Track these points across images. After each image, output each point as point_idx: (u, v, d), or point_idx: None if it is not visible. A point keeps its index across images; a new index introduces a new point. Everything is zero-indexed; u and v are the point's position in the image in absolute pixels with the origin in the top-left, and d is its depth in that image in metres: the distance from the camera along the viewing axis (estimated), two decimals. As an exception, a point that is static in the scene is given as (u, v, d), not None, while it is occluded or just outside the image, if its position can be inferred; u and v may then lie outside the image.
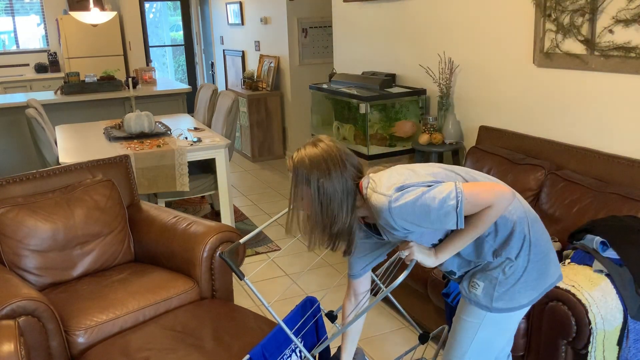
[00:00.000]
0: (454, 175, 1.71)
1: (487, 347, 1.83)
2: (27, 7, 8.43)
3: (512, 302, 1.75)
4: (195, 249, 2.65)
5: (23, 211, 2.65)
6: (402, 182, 1.61)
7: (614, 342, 2.11)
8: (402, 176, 1.64)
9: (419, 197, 1.56)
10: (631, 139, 2.74)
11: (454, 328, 1.87)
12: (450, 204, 1.55)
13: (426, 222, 1.58)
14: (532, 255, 1.73)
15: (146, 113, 4.34)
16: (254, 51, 7.40)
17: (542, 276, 1.77)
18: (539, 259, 1.75)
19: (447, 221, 1.57)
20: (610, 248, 2.25)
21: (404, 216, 1.58)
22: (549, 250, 1.79)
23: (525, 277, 1.74)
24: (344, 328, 1.93)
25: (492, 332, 1.80)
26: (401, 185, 1.60)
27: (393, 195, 1.58)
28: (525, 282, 1.74)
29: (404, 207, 1.57)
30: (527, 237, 1.73)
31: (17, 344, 1.86)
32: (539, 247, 1.75)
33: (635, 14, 2.61)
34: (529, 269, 1.74)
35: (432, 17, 3.97)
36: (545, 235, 1.79)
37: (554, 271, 1.81)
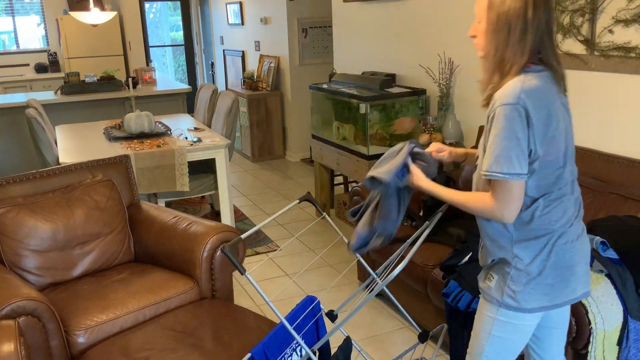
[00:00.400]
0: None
1: (505, 348, 1.81)
2: (27, 7, 8.43)
3: (521, 302, 1.71)
4: (195, 249, 2.66)
5: (23, 211, 2.65)
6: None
7: (614, 342, 2.11)
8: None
9: (509, 135, 1.56)
10: (631, 139, 2.74)
11: (474, 325, 1.87)
12: (500, 166, 1.57)
13: (491, 138, 1.60)
14: (551, 263, 1.69)
15: (146, 113, 4.35)
16: (254, 51, 7.40)
17: (558, 286, 1.71)
18: (558, 268, 1.70)
19: (489, 162, 1.59)
20: (610, 248, 2.25)
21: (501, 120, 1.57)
22: (574, 265, 1.72)
23: (538, 280, 1.69)
24: (341, 324, 1.93)
25: (507, 332, 1.77)
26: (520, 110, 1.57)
27: (511, 101, 1.56)
28: (537, 284, 1.69)
29: (502, 113, 1.57)
30: (550, 248, 1.69)
31: (17, 344, 1.86)
32: (562, 258, 1.70)
33: (635, 14, 2.61)
34: (545, 274, 1.69)
35: (432, 17, 3.97)
36: (577, 252, 1.73)
37: (576, 287, 1.74)
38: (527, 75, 1.60)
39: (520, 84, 1.57)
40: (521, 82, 1.58)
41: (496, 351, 1.82)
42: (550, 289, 1.70)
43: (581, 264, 1.74)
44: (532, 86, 1.57)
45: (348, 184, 5.24)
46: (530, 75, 1.60)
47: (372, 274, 2.18)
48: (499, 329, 1.77)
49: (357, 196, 3.41)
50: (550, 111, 1.59)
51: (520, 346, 1.82)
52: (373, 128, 4.19)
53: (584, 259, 1.75)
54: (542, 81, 1.60)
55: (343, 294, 3.53)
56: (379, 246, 1.98)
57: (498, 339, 1.79)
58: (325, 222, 4.70)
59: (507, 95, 1.57)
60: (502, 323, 1.76)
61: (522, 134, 1.56)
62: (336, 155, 4.43)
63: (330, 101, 4.71)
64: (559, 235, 1.69)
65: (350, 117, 4.40)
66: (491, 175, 1.59)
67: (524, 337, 1.80)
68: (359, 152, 4.10)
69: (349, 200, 3.71)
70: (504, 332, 1.77)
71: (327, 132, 4.66)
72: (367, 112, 4.00)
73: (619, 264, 2.21)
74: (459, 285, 2.49)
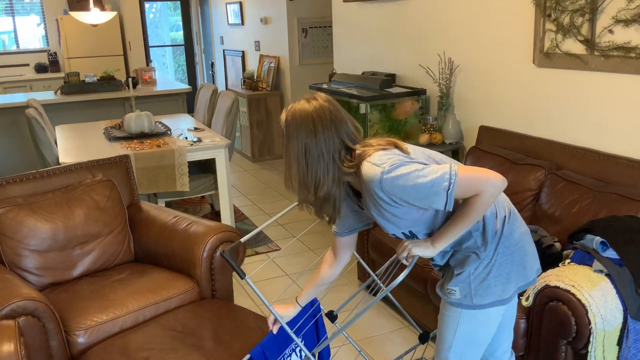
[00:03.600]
0: (447, 159, 1.72)
1: (471, 342, 1.83)
2: (27, 7, 8.44)
3: (489, 297, 1.74)
4: (195, 249, 2.66)
5: (23, 211, 2.65)
6: (397, 160, 1.57)
7: (613, 342, 2.11)
8: (398, 156, 1.60)
9: (412, 173, 1.53)
10: (631, 139, 2.74)
11: (439, 324, 1.88)
12: (443, 185, 1.52)
13: (415, 199, 1.55)
14: (502, 249, 1.72)
15: (146, 113, 4.34)
16: (254, 51, 7.40)
17: (517, 270, 1.75)
18: (511, 252, 1.73)
19: (437, 201, 1.53)
20: (610, 248, 2.25)
21: (394, 190, 1.54)
22: (524, 244, 1.76)
23: (497, 271, 1.72)
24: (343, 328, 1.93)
25: (472, 326, 1.80)
26: (396, 161, 1.56)
27: (387, 167, 1.54)
28: (498, 275, 1.73)
29: (395, 179, 1.53)
30: (497, 231, 1.72)
31: (17, 344, 1.86)
32: (511, 240, 1.73)
33: (635, 14, 2.61)
34: (500, 262, 1.72)
35: (432, 17, 3.97)
36: (519, 230, 1.77)
37: (532, 267, 1.80)
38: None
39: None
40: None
41: (462, 348, 1.83)
42: (509, 276, 1.75)
43: (529, 243, 1.80)
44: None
45: (348, 184, 5.24)
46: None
47: (372, 275, 2.18)
48: (466, 325, 1.79)
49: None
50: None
51: (486, 340, 1.85)
52: (373, 128, 4.18)
53: (528, 238, 1.80)
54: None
55: (343, 294, 3.53)
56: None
57: (464, 336, 1.81)
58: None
59: (373, 174, 1.58)
60: (465, 321, 1.78)
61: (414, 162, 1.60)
62: (336, 155, 4.42)
63: (330, 101, 4.70)
64: (498, 215, 1.73)
65: (350, 117, 4.39)
66: (449, 191, 1.53)
67: (490, 331, 1.83)
68: (359, 152, 4.10)
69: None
70: (469, 328, 1.80)
71: (327, 132, 4.65)
72: (367, 112, 4.00)
73: (619, 263, 2.21)
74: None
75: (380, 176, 1.54)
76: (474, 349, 1.84)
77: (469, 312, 1.77)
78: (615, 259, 2.22)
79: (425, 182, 1.52)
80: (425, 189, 1.53)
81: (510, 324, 1.98)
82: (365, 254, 3.39)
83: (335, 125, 1.61)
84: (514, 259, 1.75)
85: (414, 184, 1.53)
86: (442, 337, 1.86)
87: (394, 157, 1.58)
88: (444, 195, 1.53)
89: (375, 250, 3.25)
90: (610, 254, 2.24)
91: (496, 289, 1.74)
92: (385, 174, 1.54)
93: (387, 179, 1.54)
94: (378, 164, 1.56)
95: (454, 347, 1.83)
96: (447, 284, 1.79)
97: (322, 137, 1.59)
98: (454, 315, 1.80)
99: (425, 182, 1.52)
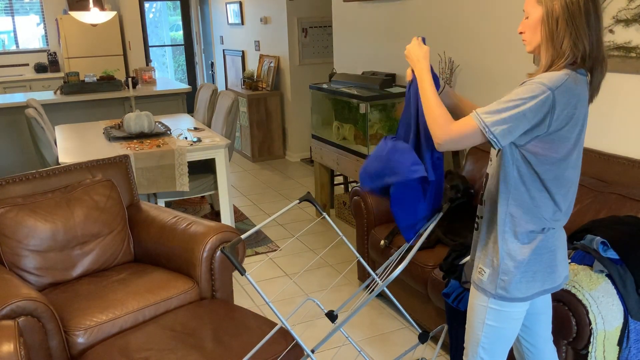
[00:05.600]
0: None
1: (499, 337, 1.84)
2: (27, 7, 8.43)
3: (513, 292, 1.75)
4: (195, 249, 2.65)
5: (23, 211, 2.65)
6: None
7: (614, 342, 2.11)
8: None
9: (523, 108, 1.58)
10: (631, 139, 2.74)
11: (467, 317, 1.90)
12: (489, 119, 1.60)
13: (513, 91, 1.62)
14: (538, 248, 1.74)
15: (146, 113, 4.34)
16: (254, 51, 7.40)
17: (545, 271, 1.77)
18: (540, 253, 1.75)
19: (486, 108, 1.62)
20: (611, 248, 2.24)
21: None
22: (555, 250, 1.79)
23: (527, 268, 1.74)
24: (341, 325, 1.93)
25: (500, 320, 1.81)
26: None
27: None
28: (525, 272, 1.74)
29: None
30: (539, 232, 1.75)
31: (17, 344, 1.86)
32: (545, 243, 1.75)
33: (635, 14, 2.61)
34: (529, 259, 1.74)
35: (432, 17, 3.97)
36: (557, 237, 1.79)
37: (561, 272, 1.82)
38: (575, 73, 1.63)
39: (566, 77, 1.60)
40: (566, 76, 1.60)
41: (491, 341, 1.85)
42: (538, 276, 1.76)
43: (560, 250, 1.81)
44: (572, 85, 1.61)
45: (348, 184, 5.24)
46: (576, 75, 1.63)
47: (372, 274, 2.18)
48: (492, 317, 1.81)
49: (357, 196, 3.41)
50: (573, 114, 1.63)
51: (513, 334, 1.86)
52: (373, 128, 4.18)
53: (562, 244, 1.82)
54: (582, 86, 1.64)
55: (343, 294, 3.53)
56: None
57: (492, 328, 1.83)
58: (325, 222, 4.70)
59: (548, 79, 1.59)
60: (495, 312, 1.80)
61: (531, 115, 1.58)
62: (336, 155, 4.43)
63: (330, 101, 4.71)
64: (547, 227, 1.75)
65: (350, 117, 4.39)
66: (476, 116, 1.61)
67: (516, 324, 1.84)
68: (359, 152, 4.10)
69: (349, 200, 3.71)
70: (498, 320, 1.81)
71: (327, 132, 4.66)
72: (367, 112, 4.00)
73: (619, 264, 2.20)
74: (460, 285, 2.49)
75: (543, 81, 1.60)
76: (501, 344, 1.85)
77: (495, 302, 1.78)
78: (616, 259, 2.22)
79: (511, 112, 1.62)
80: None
81: (546, 313, 1.97)
82: (365, 254, 3.39)
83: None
84: (542, 259, 1.75)
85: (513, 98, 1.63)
86: (470, 329, 1.88)
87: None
88: (485, 118, 1.63)
89: (375, 250, 3.25)
90: (611, 254, 2.23)
91: (520, 286, 1.75)
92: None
93: (538, 84, 1.62)
94: (550, 83, 1.60)
95: (482, 340, 1.85)
96: (481, 264, 1.82)
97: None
98: (482, 305, 1.81)
99: (511, 112, 1.62)
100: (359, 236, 3.46)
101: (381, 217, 3.32)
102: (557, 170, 1.68)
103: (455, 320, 2.53)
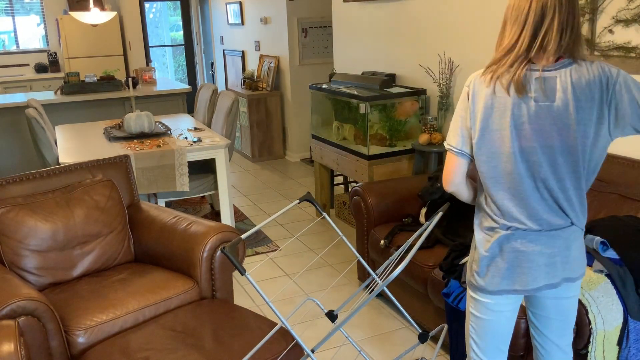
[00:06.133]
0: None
1: (483, 329, 1.87)
2: (27, 7, 8.43)
3: (481, 283, 1.80)
4: (195, 249, 2.65)
5: (23, 211, 2.65)
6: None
7: (614, 342, 2.11)
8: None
9: (457, 112, 1.77)
10: (631, 139, 2.73)
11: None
12: (448, 139, 1.78)
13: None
14: (498, 244, 1.76)
15: (146, 113, 4.34)
16: (254, 51, 7.40)
17: (514, 272, 1.74)
18: (506, 251, 1.75)
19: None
20: (610, 248, 2.25)
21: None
22: (520, 260, 1.75)
23: (495, 263, 1.76)
24: (341, 324, 1.93)
25: (480, 311, 1.85)
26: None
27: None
28: (494, 267, 1.76)
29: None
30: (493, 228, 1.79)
31: (17, 344, 1.86)
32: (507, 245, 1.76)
33: (635, 14, 2.61)
34: (501, 256, 1.75)
35: (432, 17, 3.97)
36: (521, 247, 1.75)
37: (537, 277, 1.75)
38: (497, 65, 1.67)
39: (478, 71, 1.72)
40: (482, 70, 1.71)
41: (477, 332, 1.89)
42: (505, 274, 1.76)
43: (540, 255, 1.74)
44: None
45: (348, 184, 5.24)
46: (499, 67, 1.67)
47: (372, 274, 2.18)
48: (474, 306, 1.86)
49: (357, 196, 3.41)
50: (494, 103, 1.65)
51: (499, 329, 1.86)
52: (373, 128, 4.18)
53: (545, 249, 1.74)
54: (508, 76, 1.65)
55: (343, 294, 3.53)
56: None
57: (475, 318, 1.87)
58: (325, 222, 4.70)
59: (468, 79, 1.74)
60: (474, 300, 1.85)
61: (464, 112, 1.71)
62: (336, 155, 4.43)
63: (330, 101, 4.71)
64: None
65: (350, 117, 4.40)
66: (445, 145, 1.78)
67: (499, 318, 1.84)
68: (359, 152, 4.10)
69: (349, 200, 3.71)
70: (478, 310, 1.85)
71: (327, 132, 4.66)
72: (367, 112, 4.00)
73: (619, 264, 2.21)
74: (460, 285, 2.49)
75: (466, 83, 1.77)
76: (491, 336, 1.87)
77: (474, 291, 1.84)
78: (616, 259, 2.22)
79: (453, 121, 1.76)
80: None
81: (557, 318, 1.89)
82: (365, 254, 3.39)
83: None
84: (506, 259, 1.75)
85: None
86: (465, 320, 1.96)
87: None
88: (447, 140, 1.80)
89: (375, 250, 3.25)
90: (610, 254, 2.24)
91: (492, 279, 1.78)
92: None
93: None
94: (467, 80, 1.75)
95: (470, 330, 1.91)
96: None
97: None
98: (469, 294, 1.89)
99: (453, 121, 1.76)
100: (359, 236, 3.46)
101: (381, 217, 3.32)
102: (501, 166, 1.71)
103: (455, 320, 2.53)
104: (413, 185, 3.42)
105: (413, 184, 3.44)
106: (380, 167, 4.01)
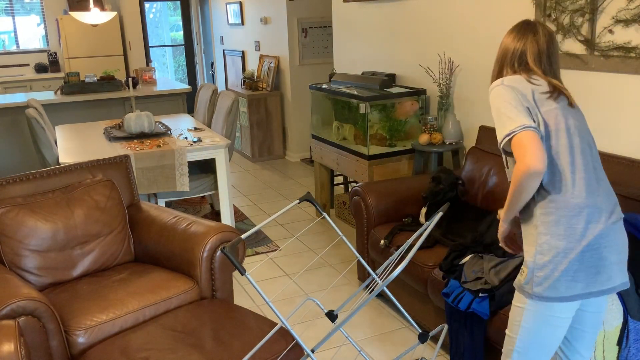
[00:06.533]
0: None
1: (535, 343, 1.83)
2: (27, 7, 8.43)
3: (551, 291, 1.73)
4: (195, 249, 2.66)
5: (23, 211, 2.65)
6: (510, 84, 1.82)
7: (613, 342, 2.11)
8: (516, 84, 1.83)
9: (502, 104, 1.78)
10: (631, 139, 2.74)
11: (509, 321, 1.90)
12: (506, 128, 1.73)
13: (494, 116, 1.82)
14: (571, 244, 1.72)
15: (146, 113, 4.35)
16: (254, 51, 7.40)
17: (588, 271, 1.72)
18: (582, 251, 1.72)
19: (498, 132, 1.78)
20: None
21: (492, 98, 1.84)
22: (602, 250, 1.73)
23: (566, 266, 1.71)
24: (341, 325, 1.93)
25: (537, 323, 1.79)
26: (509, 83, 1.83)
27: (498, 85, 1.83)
28: (566, 271, 1.72)
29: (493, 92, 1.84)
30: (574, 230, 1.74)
31: (17, 344, 1.86)
32: (585, 241, 1.72)
33: (635, 14, 2.61)
34: (572, 258, 1.71)
35: (432, 17, 3.97)
36: (601, 234, 1.74)
37: (611, 275, 1.74)
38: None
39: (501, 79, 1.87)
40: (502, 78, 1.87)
41: (526, 345, 1.83)
42: (576, 275, 1.72)
43: (613, 252, 1.74)
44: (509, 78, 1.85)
45: (348, 184, 5.24)
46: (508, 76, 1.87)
47: (372, 274, 2.18)
48: (528, 319, 1.80)
49: (357, 196, 3.41)
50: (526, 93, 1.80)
51: (550, 342, 1.83)
52: (373, 128, 4.19)
53: (615, 246, 1.76)
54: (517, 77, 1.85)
55: (343, 294, 3.53)
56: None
57: (527, 331, 1.81)
58: (325, 222, 4.70)
59: (493, 84, 1.87)
60: (530, 313, 1.79)
61: (514, 99, 1.76)
62: (336, 155, 4.43)
63: (330, 101, 4.71)
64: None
65: (350, 117, 4.40)
66: (502, 142, 1.74)
67: (554, 331, 1.81)
68: (359, 152, 4.10)
69: (348, 200, 3.71)
70: (533, 323, 1.79)
71: (327, 132, 4.66)
72: (367, 112, 4.00)
73: (619, 264, 2.20)
74: (460, 285, 2.49)
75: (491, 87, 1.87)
76: (537, 348, 1.83)
77: (533, 304, 1.77)
78: (615, 259, 2.22)
79: (501, 111, 1.76)
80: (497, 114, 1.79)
81: (591, 332, 1.92)
82: (365, 254, 3.39)
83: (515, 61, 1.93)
84: (583, 260, 1.72)
85: (496, 108, 1.80)
86: (508, 331, 1.89)
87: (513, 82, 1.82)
88: (504, 132, 1.75)
89: (375, 250, 3.25)
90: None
91: (559, 284, 1.72)
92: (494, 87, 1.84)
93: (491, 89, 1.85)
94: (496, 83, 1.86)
95: (517, 343, 1.84)
96: (523, 264, 1.82)
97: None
98: (520, 307, 1.82)
99: (501, 111, 1.76)
100: (358, 236, 3.46)
101: (381, 217, 3.32)
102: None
103: (455, 320, 2.53)
104: (413, 185, 3.42)
105: (413, 184, 3.44)
106: (380, 167, 4.01)
